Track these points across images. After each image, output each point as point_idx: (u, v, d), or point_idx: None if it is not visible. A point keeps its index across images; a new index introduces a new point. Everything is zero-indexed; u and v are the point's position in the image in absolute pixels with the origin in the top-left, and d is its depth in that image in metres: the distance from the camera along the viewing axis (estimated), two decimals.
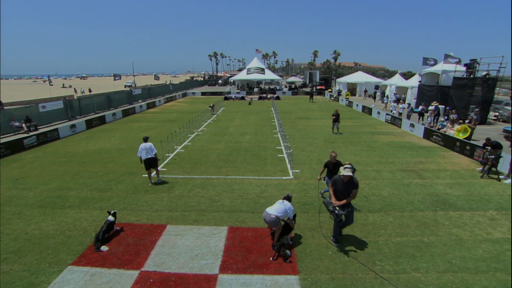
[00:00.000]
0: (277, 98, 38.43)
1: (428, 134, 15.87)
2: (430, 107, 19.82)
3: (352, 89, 40.62)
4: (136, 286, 5.03)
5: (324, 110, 27.76)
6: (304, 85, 59.34)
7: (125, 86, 55.84)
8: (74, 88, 53.00)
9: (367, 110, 25.39)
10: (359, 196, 8.61)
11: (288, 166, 11.27)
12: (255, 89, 47.32)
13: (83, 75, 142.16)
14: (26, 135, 14.98)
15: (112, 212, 6.71)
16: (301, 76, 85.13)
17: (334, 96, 37.43)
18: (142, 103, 29.74)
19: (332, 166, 7.76)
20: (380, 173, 10.56)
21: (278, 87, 50.55)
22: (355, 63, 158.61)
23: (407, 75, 49.11)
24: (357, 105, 28.21)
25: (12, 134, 16.75)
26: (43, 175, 10.43)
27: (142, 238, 6.49)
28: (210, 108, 25.49)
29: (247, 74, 47.64)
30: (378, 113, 23.02)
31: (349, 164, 6.13)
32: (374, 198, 8.57)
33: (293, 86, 55.48)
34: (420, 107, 20.98)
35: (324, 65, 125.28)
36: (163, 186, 9.45)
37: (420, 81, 26.39)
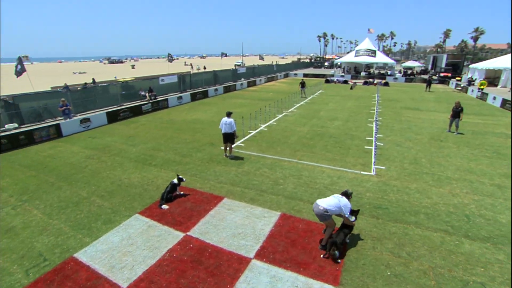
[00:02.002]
0: (386, 84, 33.71)
1: None
2: None
3: (493, 77, 31.41)
4: (177, 247, 5.34)
5: (442, 101, 22.61)
6: (424, 71, 49.94)
7: (235, 65, 60.42)
8: (191, 65, 61.38)
9: (510, 106, 19.13)
10: (456, 213, 6.62)
11: (373, 161, 9.70)
12: (362, 73, 42.89)
13: (203, 54, 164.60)
14: (145, 102, 18.18)
15: (179, 177, 7.31)
16: (423, 61, 71.92)
17: (462, 85, 29.90)
18: (244, 81, 31.48)
19: None
20: (504, 191, 7.75)
21: (390, 72, 44.33)
22: (509, 44, 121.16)
23: None
24: (494, 98, 21.64)
25: (139, 101, 20.63)
26: (146, 136, 12.44)
27: (199, 205, 6.84)
28: (300, 88, 24.30)
29: (355, 56, 43.44)
30: None
31: None
32: (482, 221, 6.36)
33: (409, 72, 47.51)
34: None
35: (457, 48, 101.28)
36: (235, 160, 9.71)
37: None
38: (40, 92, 15.75)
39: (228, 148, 9.99)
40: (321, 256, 5.09)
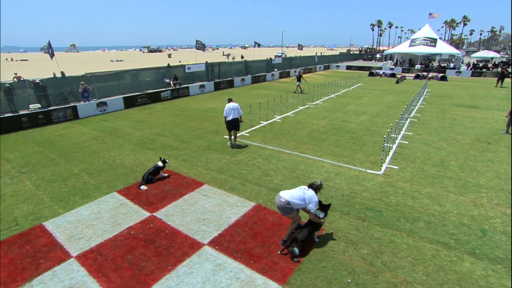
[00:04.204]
0: (443, 78, 30.81)
1: None
2: None
3: None
4: (138, 225, 5.66)
5: None
6: (506, 63, 44.54)
7: (275, 56, 60.42)
8: (228, 55, 63.12)
9: None
10: (470, 226, 5.94)
11: (387, 159, 9.05)
12: (417, 66, 39.76)
13: (246, 45, 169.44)
14: (164, 89, 19.17)
15: (163, 159, 7.67)
16: (505, 52, 64.10)
17: None
18: (275, 72, 31.36)
19: None
20: None
21: (453, 65, 40.38)
22: None
23: None
24: None
25: (164, 88, 21.82)
26: (154, 122, 13.19)
27: (177, 188, 7.11)
28: (297, 83, 21.92)
29: (410, 46, 40.36)
30: None
31: None
32: (502, 239, 5.49)
33: (480, 64, 42.75)
34: None
35: None
36: (232, 149, 9.84)
37: None
38: (66, 76, 17.57)
39: (233, 136, 10.06)
40: (278, 252, 4.97)
